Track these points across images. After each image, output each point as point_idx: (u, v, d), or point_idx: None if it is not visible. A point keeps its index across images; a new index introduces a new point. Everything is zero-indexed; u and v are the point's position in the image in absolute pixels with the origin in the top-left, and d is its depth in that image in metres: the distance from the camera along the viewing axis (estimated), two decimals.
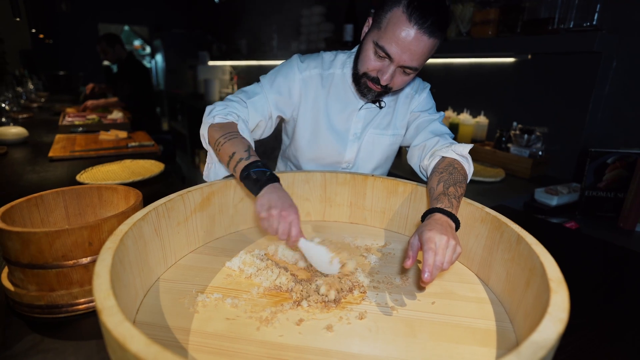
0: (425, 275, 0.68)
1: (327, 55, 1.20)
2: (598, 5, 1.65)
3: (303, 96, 1.17)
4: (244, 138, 0.96)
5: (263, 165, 0.87)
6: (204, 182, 0.98)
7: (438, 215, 0.80)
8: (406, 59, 0.93)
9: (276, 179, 0.85)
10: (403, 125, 1.22)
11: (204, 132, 1.02)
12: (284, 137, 1.35)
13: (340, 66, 1.18)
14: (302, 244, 0.80)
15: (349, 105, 1.18)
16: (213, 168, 1.07)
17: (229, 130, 0.97)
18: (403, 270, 0.88)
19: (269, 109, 1.14)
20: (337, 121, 1.19)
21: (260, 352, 0.61)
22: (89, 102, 3.45)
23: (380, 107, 1.18)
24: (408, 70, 0.98)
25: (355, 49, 1.16)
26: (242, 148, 0.91)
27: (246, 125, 1.04)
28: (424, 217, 0.83)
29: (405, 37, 0.90)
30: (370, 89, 1.05)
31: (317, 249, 0.79)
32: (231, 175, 1.00)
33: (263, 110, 1.12)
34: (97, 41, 3.58)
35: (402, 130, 1.23)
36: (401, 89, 1.18)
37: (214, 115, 1.01)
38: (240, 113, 1.05)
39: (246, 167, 0.86)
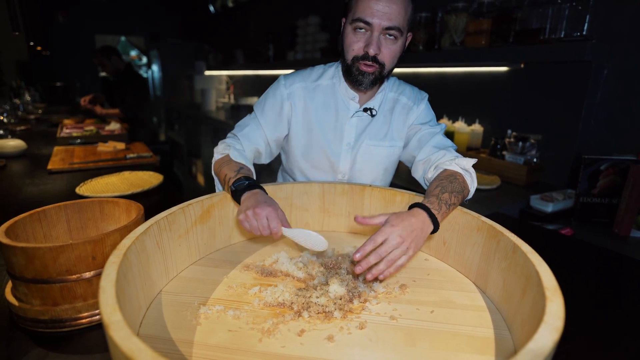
0: (356, 256, 0.75)
1: (315, 70, 1.24)
2: (587, 16, 1.69)
3: (293, 110, 1.20)
4: (237, 163, 1.06)
5: (246, 178, 0.96)
6: (202, 192, 1.02)
7: (417, 211, 0.83)
8: (385, 19, 0.98)
9: (255, 187, 0.93)
10: (401, 137, 1.22)
11: (213, 172, 1.14)
12: (281, 152, 1.36)
13: (330, 77, 1.21)
14: (286, 232, 0.85)
15: (339, 115, 1.20)
16: None
17: (225, 159, 1.09)
18: (402, 280, 0.89)
19: (263, 136, 1.20)
20: (329, 131, 1.21)
21: None
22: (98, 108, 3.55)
23: (372, 115, 1.19)
24: (391, 33, 1.00)
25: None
26: (232, 169, 1.01)
27: (240, 152, 1.11)
28: (409, 210, 0.86)
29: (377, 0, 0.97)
30: (364, 72, 1.06)
31: (300, 232, 0.86)
32: None
33: (256, 139, 1.19)
34: (95, 54, 3.63)
35: (399, 142, 1.23)
36: (395, 96, 1.21)
37: (215, 155, 1.14)
38: (239, 147, 1.15)
39: (232, 184, 0.95)
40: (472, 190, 1.02)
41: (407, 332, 0.71)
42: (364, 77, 1.07)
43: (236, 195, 0.93)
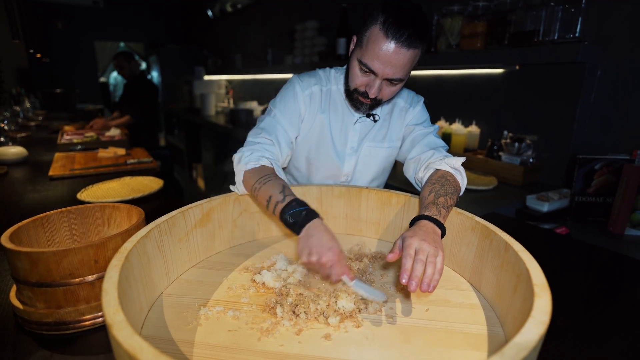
0: (403, 280, 0.72)
1: (322, 72, 1.26)
2: (580, 18, 1.71)
3: (307, 112, 1.22)
4: (278, 179, 0.96)
5: (298, 204, 0.87)
6: (202, 196, 1.02)
7: (424, 222, 0.84)
8: (389, 72, 0.99)
9: (313, 216, 0.85)
10: (398, 138, 1.27)
11: (239, 179, 1.02)
12: None
13: (335, 82, 1.24)
14: (345, 281, 0.80)
15: (345, 120, 1.23)
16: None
17: (263, 173, 0.98)
18: (398, 280, 0.90)
19: (290, 140, 1.18)
20: (336, 135, 1.24)
21: None
22: (99, 122, 3.40)
23: (375, 121, 1.22)
24: (394, 82, 1.03)
25: (346, 66, 1.22)
26: (277, 190, 0.91)
27: (277, 165, 1.05)
28: (411, 224, 0.87)
29: (385, 52, 0.96)
30: (362, 102, 1.11)
31: (359, 284, 0.80)
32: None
33: (287, 142, 1.16)
34: (114, 57, 3.80)
35: (397, 142, 1.27)
36: (391, 99, 1.22)
37: (245, 162, 1.01)
38: (270, 155, 1.06)
39: (282, 211, 0.87)
40: (463, 187, 1.05)
41: (403, 330, 0.72)
42: (362, 105, 1.13)
43: (294, 227, 0.85)
